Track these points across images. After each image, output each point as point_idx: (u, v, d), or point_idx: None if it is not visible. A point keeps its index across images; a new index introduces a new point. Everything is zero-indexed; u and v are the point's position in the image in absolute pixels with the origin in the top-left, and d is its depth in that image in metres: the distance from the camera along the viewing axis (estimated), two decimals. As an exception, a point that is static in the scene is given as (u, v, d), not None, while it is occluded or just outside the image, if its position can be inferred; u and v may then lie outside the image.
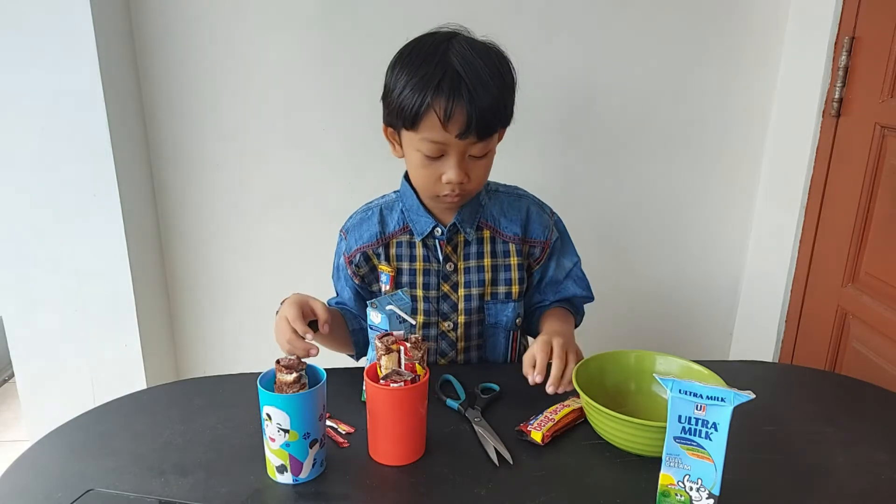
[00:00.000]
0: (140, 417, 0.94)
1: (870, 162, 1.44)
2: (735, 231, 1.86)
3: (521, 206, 1.12)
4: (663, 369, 0.96)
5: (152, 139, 1.67)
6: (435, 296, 1.09)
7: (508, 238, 1.10)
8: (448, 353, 1.13)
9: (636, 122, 1.73)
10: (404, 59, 0.98)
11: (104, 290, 1.62)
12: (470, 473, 0.82)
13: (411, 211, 1.08)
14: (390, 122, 1.01)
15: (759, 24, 1.68)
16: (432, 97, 0.92)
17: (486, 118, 0.94)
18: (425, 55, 0.96)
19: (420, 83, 0.93)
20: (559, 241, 1.15)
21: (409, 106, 0.94)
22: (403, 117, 0.96)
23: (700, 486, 0.74)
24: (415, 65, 0.95)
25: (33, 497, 0.78)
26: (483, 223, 1.09)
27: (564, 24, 1.65)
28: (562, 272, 1.16)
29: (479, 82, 0.93)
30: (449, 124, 0.93)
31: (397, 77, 0.97)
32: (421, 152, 0.97)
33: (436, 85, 0.92)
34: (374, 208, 1.12)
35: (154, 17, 1.58)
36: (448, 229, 1.07)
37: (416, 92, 0.93)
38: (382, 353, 0.85)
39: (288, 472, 0.80)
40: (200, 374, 1.83)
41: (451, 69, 0.93)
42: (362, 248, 1.09)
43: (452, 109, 0.92)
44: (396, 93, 0.96)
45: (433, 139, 0.95)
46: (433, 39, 0.98)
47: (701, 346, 1.96)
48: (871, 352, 1.46)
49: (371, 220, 1.10)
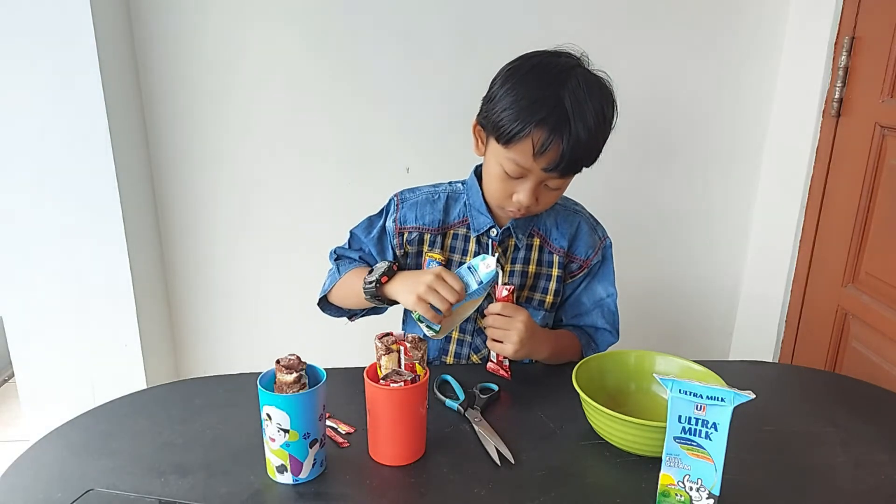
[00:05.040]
0: (140, 417, 0.94)
1: (870, 162, 1.44)
2: (735, 231, 1.86)
3: (573, 221, 1.13)
4: (663, 369, 0.96)
5: (152, 139, 1.68)
6: None
7: (555, 250, 1.11)
8: (481, 350, 1.14)
9: (636, 122, 1.73)
10: (519, 77, 0.97)
11: (104, 290, 1.63)
12: (470, 473, 0.82)
13: (473, 207, 1.10)
14: (485, 126, 1.01)
15: (759, 25, 1.68)
16: (534, 127, 0.92)
17: (576, 160, 0.96)
18: (541, 81, 0.95)
19: (527, 108, 0.93)
20: (600, 265, 1.14)
21: (507, 126, 0.94)
22: (500, 132, 0.96)
23: (700, 486, 0.74)
24: (528, 86, 0.95)
25: (33, 497, 0.78)
26: (535, 231, 1.11)
27: (563, 25, 1.65)
28: (591, 298, 1.14)
29: (583, 126, 0.93)
30: (540, 157, 0.94)
31: (507, 91, 0.96)
32: (503, 167, 0.98)
33: (542, 117, 0.92)
34: (441, 193, 1.13)
35: (154, 16, 1.59)
36: (502, 232, 1.09)
37: (519, 117, 0.93)
38: (382, 353, 0.85)
39: (288, 472, 0.80)
40: (200, 374, 1.83)
41: (561, 106, 0.92)
42: (421, 228, 1.11)
43: (549, 146, 0.93)
44: (501, 107, 0.96)
45: (520, 163, 0.96)
46: (554, 64, 0.96)
47: (701, 346, 1.97)
48: (871, 352, 1.46)
49: (436, 206, 1.11)
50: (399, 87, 1.67)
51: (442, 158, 1.69)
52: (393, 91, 1.67)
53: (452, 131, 1.68)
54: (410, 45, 1.64)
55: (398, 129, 1.70)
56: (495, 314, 0.99)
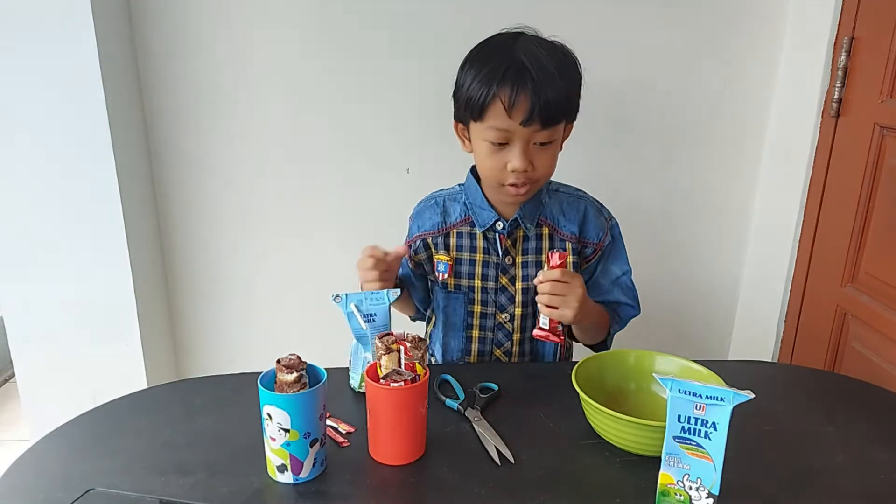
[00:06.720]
0: (140, 417, 0.94)
1: (869, 162, 1.44)
2: (734, 231, 1.86)
3: (579, 207, 1.15)
4: (663, 369, 0.96)
5: (153, 140, 1.68)
6: (493, 287, 1.13)
7: (566, 236, 1.13)
8: (504, 344, 1.15)
9: (635, 122, 1.73)
10: (473, 57, 1.04)
11: (105, 290, 1.63)
12: (470, 473, 0.83)
13: (475, 204, 1.12)
14: (460, 117, 1.08)
15: (758, 25, 1.68)
16: (498, 87, 0.97)
17: (550, 106, 0.98)
18: (492, 51, 1.02)
19: (487, 75, 0.99)
20: (611, 245, 1.16)
21: (476, 97, 0.99)
22: (471, 108, 1.01)
23: (699, 486, 0.74)
24: (482, 60, 1.01)
25: (33, 497, 0.78)
26: (542, 220, 1.13)
27: (564, 25, 1.65)
28: (608, 278, 1.17)
29: (543, 73, 0.97)
30: (513, 112, 0.97)
31: (466, 73, 1.03)
32: (488, 141, 1.02)
33: (501, 75, 0.97)
34: (438, 198, 1.16)
35: (155, 16, 1.59)
36: (509, 224, 1.10)
37: (483, 83, 0.99)
38: (382, 353, 0.85)
39: (288, 471, 0.80)
40: (200, 374, 1.83)
41: (516, 61, 0.98)
42: (423, 235, 1.14)
43: (516, 98, 0.96)
44: (465, 87, 1.02)
45: (498, 126, 0.99)
46: (500, 37, 1.04)
47: (701, 346, 1.96)
48: (871, 352, 1.46)
49: (434, 210, 1.15)
50: (399, 87, 1.66)
51: (442, 158, 1.69)
52: (393, 91, 1.67)
53: (452, 132, 1.68)
54: (411, 46, 1.64)
55: (398, 130, 1.70)
56: (554, 280, 0.97)
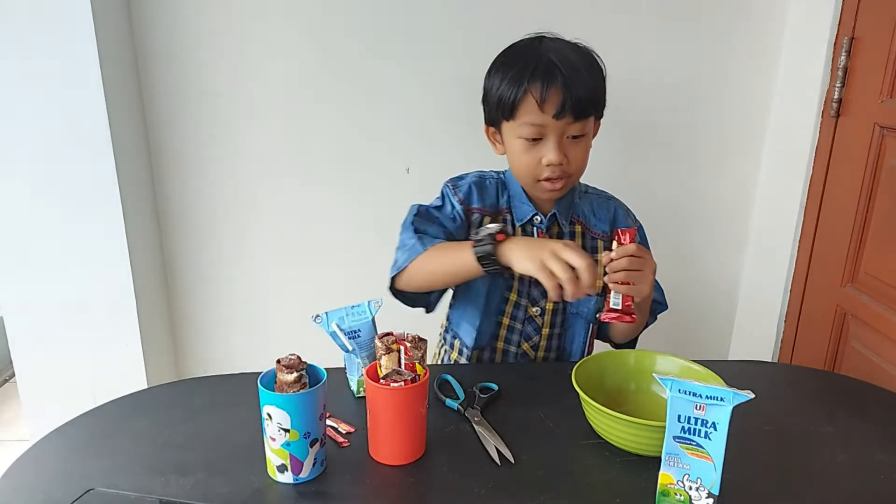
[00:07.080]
0: (140, 417, 0.94)
1: (869, 162, 1.44)
2: (734, 231, 1.86)
3: (609, 207, 1.17)
4: (663, 369, 0.96)
5: (153, 140, 1.68)
6: (528, 279, 1.12)
7: (598, 235, 1.15)
8: (532, 338, 1.16)
9: (635, 122, 1.73)
10: (499, 62, 1.05)
11: (105, 290, 1.63)
12: (470, 473, 0.83)
13: (515, 198, 1.12)
14: (491, 120, 1.08)
15: (758, 25, 1.68)
16: (528, 83, 0.99)
17: (581, 99, 0.99)
18: (518, 53, 1.04)
19: (516, 74, 1.00)
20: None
21: (507, 96, 1.01)
22: (503, 108, 1.02)
23: (699, 486, 0.74)
24: (509, 63, 1.03)
25: (33, 497, 0.78)
26: (575, 219, 1.14)
27: (564, 25, 1.65)
28: None
29: (571, 68, 0.99)
30: (545, 105, 0.99)
31: (493, 77, 1.04)
32: (522, 138, 1.02)
33: (531, 73, 0.99)
34: (490, 179, 1.14)
35: (155, 16, 1.59)
36: (547, 219, 1.11)
37: (513, 82, 1.00)
38: (382, 353, 0.85)
39: (288, 471, 0.80)
40: (201, 374, 1.83)
41: (544, 59, 1.00)
42: (482, 210, 1.11)
43: (548, 92, 0.98)
44: (495, 89, 1.03)
45: (532, 122, 1.00)
46: (524, 42, 1.06)
47: (701, 346, 1.97)
48: (871, 352, 1.46)
49: (489, 190, 1.13)
50: (399, 87, 1.67)
51: (442, 158, 1.69)
52: (393, 91, 1.67)
53: (453, 132, 1.68)
54: (411, 46, 1.64)
55: (398, 130, 1.70)
56: (630, 255, 0.95)
